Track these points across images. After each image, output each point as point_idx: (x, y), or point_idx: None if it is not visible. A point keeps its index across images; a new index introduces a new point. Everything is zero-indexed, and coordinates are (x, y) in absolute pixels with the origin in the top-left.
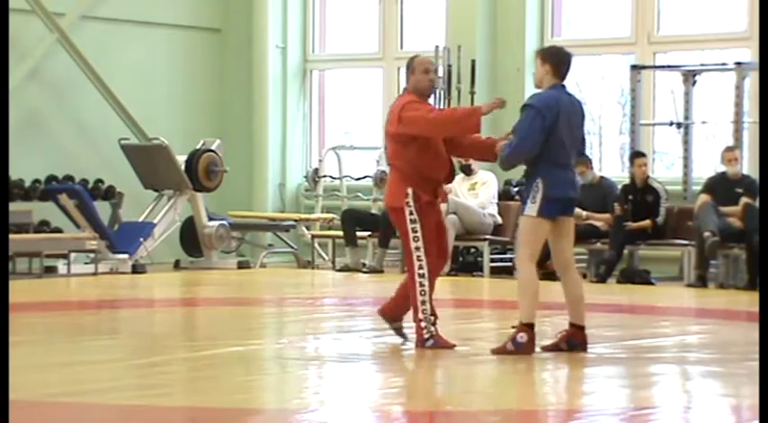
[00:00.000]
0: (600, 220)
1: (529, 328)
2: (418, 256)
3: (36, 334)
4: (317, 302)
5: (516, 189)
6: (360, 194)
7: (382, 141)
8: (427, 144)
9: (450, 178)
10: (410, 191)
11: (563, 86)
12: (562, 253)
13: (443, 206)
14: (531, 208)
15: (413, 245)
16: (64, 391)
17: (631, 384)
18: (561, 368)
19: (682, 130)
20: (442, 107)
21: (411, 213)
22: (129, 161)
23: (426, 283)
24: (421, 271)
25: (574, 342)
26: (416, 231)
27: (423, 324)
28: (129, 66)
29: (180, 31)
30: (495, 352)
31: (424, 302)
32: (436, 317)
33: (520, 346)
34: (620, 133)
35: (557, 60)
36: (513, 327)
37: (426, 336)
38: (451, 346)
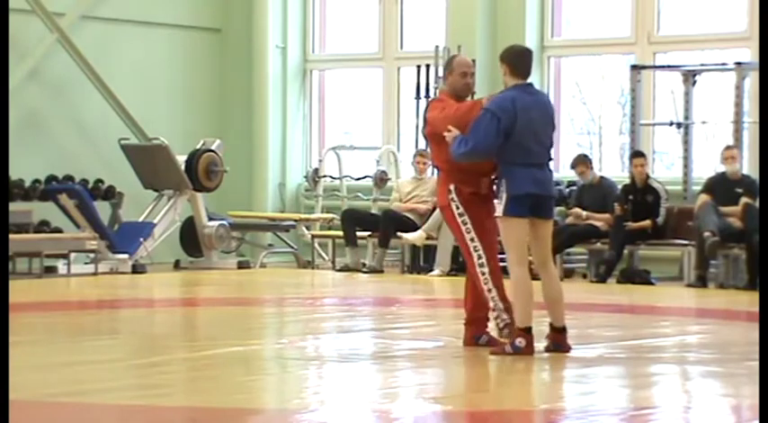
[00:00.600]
0: (600, 220)
1: (526, 331)
2: (474, 247)
3: (36, 334)
4: (317, 302)
5: None
6: (360, 194)
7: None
8: None
9: (494, 169)
10: (452, 187)
11: (527, 85)
12: (537, 254)
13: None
14: (499, 209)
15: (466, 237)
16: (64, 391)
17: (631, 384)
18: (561, 368)
19: (682, 130)
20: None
21: (457, 207)
22: (129, 161)
23: (487, 270)
24: (480, 261)
25: (555, 343)
26: (466, 223)
27: (495, 314)
28: (129, 66)
29: (180, 31)
30: (494, 354)
31: (490, 290)
32: (507, 302)
33: (519, 351)
34: (620, 133)
35: (512, 60)
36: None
37: (501, 325)
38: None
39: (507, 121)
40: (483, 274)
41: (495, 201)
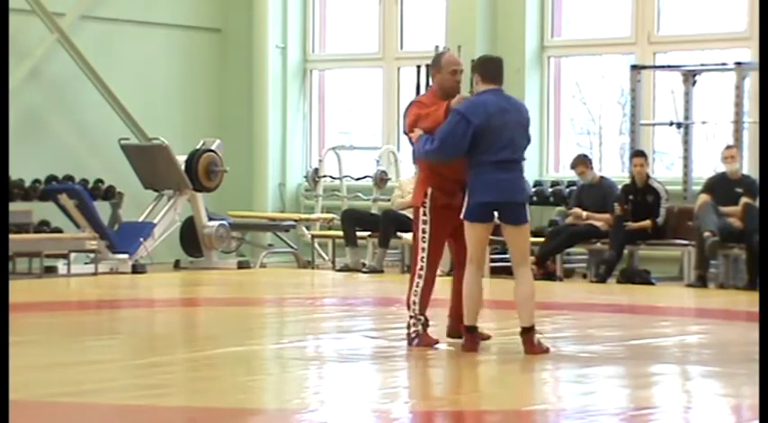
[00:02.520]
0: (600, 220)
1: (468, 331)
2: (422, 257)
3: (36, 334)
4: (317, 302)
5: None
6: (360, 194)
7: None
8: None
9: None
10: (429, 191)
11: (497, 90)
12: (511, 257)
13: None
14: (463, 212)
15: (420, 245)
16: (64, 391)
17: (631, 384)
18: (561, 368)
19: (682, 130)
20: None
21: (424, 214)
22: (129, 161)
23: (422, 283)
24: (420, 272)
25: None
26: (425, 232)
27: (412, 322)
28: (129, 66)
29: (180, 31)
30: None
31: (414, 302)
32: (424, 316)
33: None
34: (620, 133)
35: (481, 67)
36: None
37: (413, 335)
38: (435, 342)
39: (477, 122)
40: (417, 285)
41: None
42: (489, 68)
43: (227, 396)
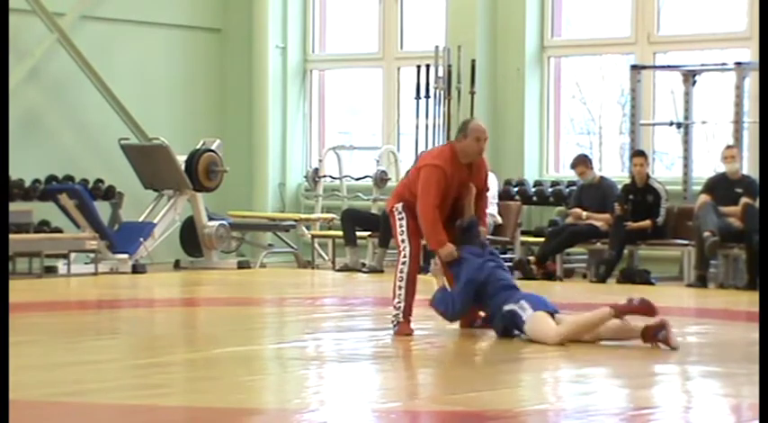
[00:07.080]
0: (600, 220)
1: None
2: (404, 247)
3: (36, 334)
4: (317, 302)
5: (516, 189)
6: (360, 194)
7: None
8: None
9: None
10: (400, 206)
11: None
12: None
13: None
14: None
15: (399, 237)
16: (64, 391)
17: (631, 384)
18: (561, 368)
19: (682, 130)
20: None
21: (399, 212)
22: (129, 161)
23: (406, 270)
24: (404, 260)
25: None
26: (402, 226)
27: (395, 311)
28: (129, 66)
29: (180, 31)
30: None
31: (400, 288)
32: (408, 305)
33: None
34: (620, 133)
35: None
36: None
37: (394, 321)
38: (410, 332)
39: None
40: (401, 272)
41: None
42: None
43: (227, 396)
